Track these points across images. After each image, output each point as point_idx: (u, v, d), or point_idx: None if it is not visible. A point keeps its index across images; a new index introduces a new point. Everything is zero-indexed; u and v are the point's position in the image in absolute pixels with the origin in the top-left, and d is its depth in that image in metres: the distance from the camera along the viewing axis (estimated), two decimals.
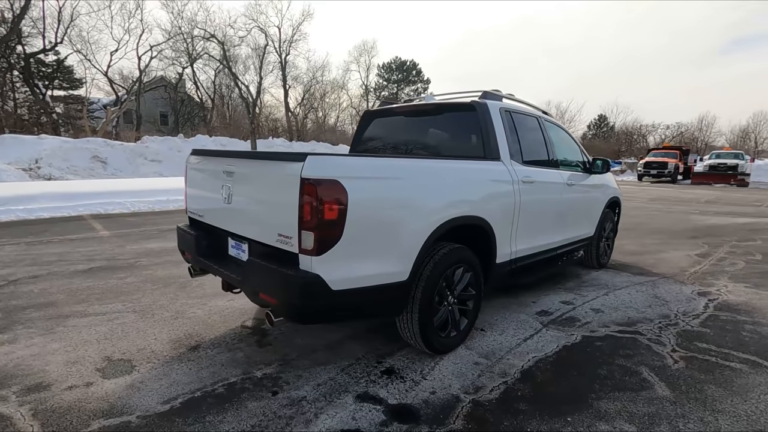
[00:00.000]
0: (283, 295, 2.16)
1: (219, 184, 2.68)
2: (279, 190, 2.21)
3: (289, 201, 2.12)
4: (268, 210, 2.31)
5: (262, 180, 2.35)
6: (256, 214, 2.41)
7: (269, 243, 2.29)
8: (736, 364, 2.79)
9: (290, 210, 2.12)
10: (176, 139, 23.81)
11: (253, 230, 2.46)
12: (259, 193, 2.37)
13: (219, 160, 2.72)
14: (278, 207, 2.22)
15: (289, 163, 2.14)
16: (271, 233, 2.28)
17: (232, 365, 2.63)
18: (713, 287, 4.46)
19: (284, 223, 2.17)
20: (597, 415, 2.21)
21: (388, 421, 2.12)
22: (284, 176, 2.16)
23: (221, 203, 2.68)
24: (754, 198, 15.58)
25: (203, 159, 3.00)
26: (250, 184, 2.45)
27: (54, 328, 3.09)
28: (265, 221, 2.33)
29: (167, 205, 9.18)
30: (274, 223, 2.25)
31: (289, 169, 2.13)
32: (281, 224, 2.20)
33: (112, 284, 4.10)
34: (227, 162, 2.62)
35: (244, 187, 2.49)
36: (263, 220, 2.35)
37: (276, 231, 2.23)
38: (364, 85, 47.09)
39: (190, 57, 31.95)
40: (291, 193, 2.10)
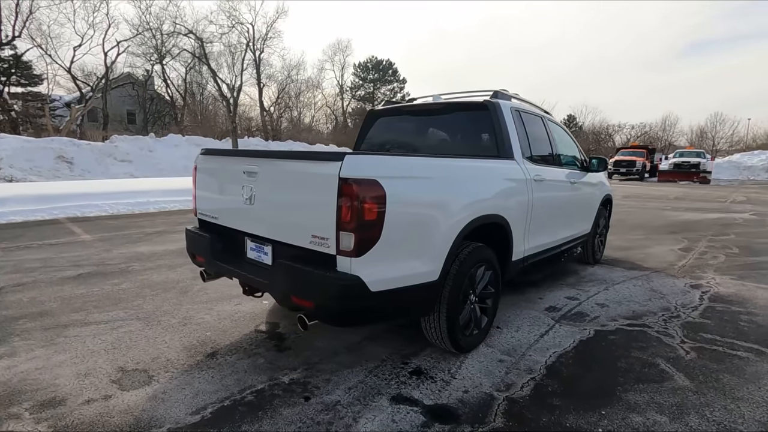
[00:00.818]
0: (320, 298, 2.11)
1: (238, 185, 2.59)
2: (313, 191, 2.16)
3: (325, 201, 2.07)
4: (300, 211, 2.24)
5: (292, 180, 2.28)
6: (285, 216, 2.34)
7: (300, 245, 2.23)
8: (742, 353, 2.93)
9: (326, 211, 2.07)
10: (147, 139, 22.99)
11: (280, 232, 2.39)
12: (289, 193, 2.30)
13: (238, 160, 2.63)
14: (312, 208, 2.17)
15: (325, 162, 2.09)
16: (302, 235, 2.22)
17: (256, 371, 2.55)
18: (703, 280, 4.67)
19: (319, 224, 2.12)
20: (628, 407, 2.26)
21: (428, 422, 2.10)
22: (319, 176, 2.11)
23: (241, 204, 2.59)
24: (717, 194, 16.43)
25: (217, 159, 2.90)
26: (278, 185, 2.37)
27: (54, 339, 2.91)
28: (296, 223, 2.26)
29: (147, 207, 8.83)
30: (307, 224, 2.19)
31: (325, 168, 2.07)
32: (315, 225, 2.14)
33: (108, 291, 3.91)
34: (248, 162, 2.53)
35: (270, 188, 2.41)
36: (293, 222, 2.28)
37: (309, 232, 2.17)
38: (339, 85, 46.89)
39: (160, 53, 30.89)
40: (327, 193, 2.05)
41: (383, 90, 46.84)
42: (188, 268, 4.69)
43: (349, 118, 48.56)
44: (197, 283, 4.18)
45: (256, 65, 32.71)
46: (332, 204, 2.04)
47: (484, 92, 3.74)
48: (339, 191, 2.01)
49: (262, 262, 2.60)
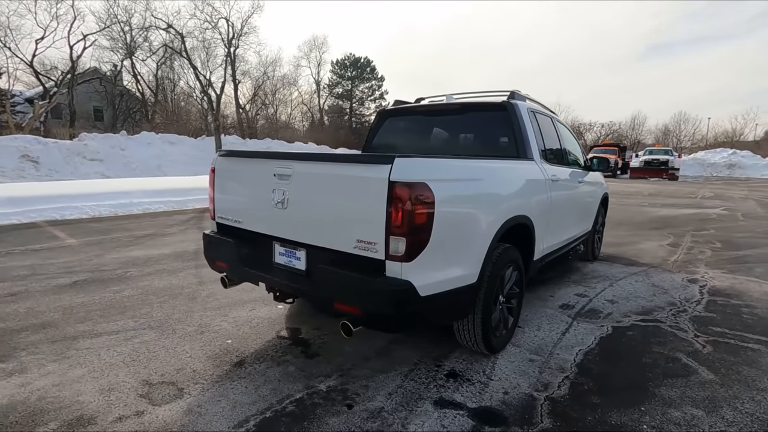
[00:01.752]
0: (369, 304, 2.06)
1: (268, 188, 2.51)
2: (359, 194, 2.11)
3: (373, 205, 2.03)
4: (342, 215, 2.19)
5: (333, 183, 2.22)
6: (324, 220, 2.28)
7: (343, 250, 2.18)
8: (753, 345, 3.06)
9: (374, 215, 2.02)
10: (118, 137, 22.11)
11: (317, 236, 2.32)
12: (330, 197, 2.24)
13: (266, 162, 2.54)
14: (357, 212, 2.12)
15: (372, 165, 2.04)
16: (345, 239, 2.16)
17: (289, 380, 2.48)
18: (697, 274, 4.87)
19: (365, 228, 2.07)
20: (664, 402, 2.32)
21: (478, 426, 2.09)
22: (367, 179, 2.06)
23: (270, 208, 2.51)
24: (687, 191, 17.18)
25: (240, 161, 2.79)
26: (316, 188, 2.30)
27: (65, 352, 2.75)
28: (338, 227, 2.20)
29: (130, 209, 8.47)
30: (351, 229, 2.13)
31: (373, 171, 2.03)
32: (361, 230, 2.09)
33: (110, 299, 3.72)
34: (280, 164, 2.45)
35: (306, 191, 2.34)
36: (334, 226, 2.22)
37: (353, 237, 2.12)
38: (316, 82, 46.35)
39: (129, 48, 29.69)
40: (376, 197, 2.01)
41: (361, 87, 46.62)
42: (190, 272, 4.53)
43: (325, 116, 48.13)
44: (204, 288, 4.04)
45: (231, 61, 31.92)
46: (381, 208, 2.00)
47: (496, 93, 3.76)
48: (389, 195, 1.97)
49: (294, 268, 2.52)
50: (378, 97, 46.61)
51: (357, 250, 2.12)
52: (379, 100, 46.55)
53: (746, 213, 10.39)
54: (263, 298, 3.77)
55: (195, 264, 4.86)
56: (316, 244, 2.33)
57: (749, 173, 27.08)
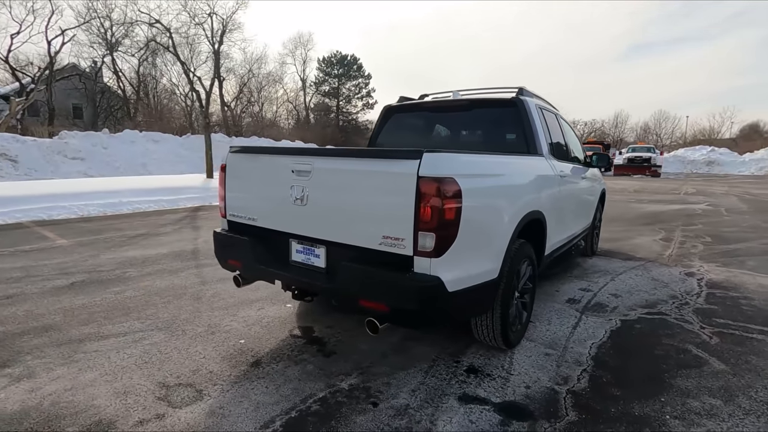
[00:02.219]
0: (398, 301, 2.04)
1: (285, 185, 2.46)
2: (385, 190, 2.08)
3: (400, 201, 2.01)
4: (367, 211, 2.16)
5: (357, 179, 2.19)
6: (347, 217, 2.24)
7: (368, 246, 2.15)
8: (757, 335, 3.14)
9: (402, 210, 2.01)
10: (101, 135, 21.54)
11: (339, 233, 2.29)
12: (353, 193, 2.21)
13: (285, 158, 2.49)
14: (383, 208, 2.09)
15: (400, 161, 2.02)
16: (370, 236, 2.14)
17: (310, 379, 2.45)
18: (693, 268, 4.98)
19: (392, 224, 2.05)
20: (682, 392, 2.37)
21: (506, 421, 2.10)
22: (394, 175, 2.04)
23: (288, 205, 2.47)
24: (670, 187, 17.61)
25: (254, 157, 2.73)
26: (338, 184, 2.27)
27: (73, 356, 2.66)
28: (362, 224, 2.18)
29: (120, 209, 8.26)
30: (376, 225, 2.11)
31: (401, 167, 2.01)
32: (387, 226, 2.07)
33: (112, 300, 3.61)
34: (299, 160, 2.40)
35: (328, 188, 2.31)
36: (358, 223, 2.19)
37: (379, 233, 2.10)
38: (301, 79, 46.00)
39: (109, 44, 28.96)
40: (404, 192, 1.99)
41: (348, 85, 46.43)
42: (191, 272, 4.44)
43: (311, 114, 47.82)
44: (208, 288, 3.96)
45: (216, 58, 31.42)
46: (409, 203, 1.98)
47: (502, 89, 3.78)
48: (417, 190, 1.95)
49: (312, 265, 2.49)
50: (365, 95, 46.54)
51: (383, 246, 2.10)
52: (366, 97, 46.51)
53: (729, 208, 10.69)
54: (270, 297, 3.72)
55: (195, 264, 4.77)
56: (338, 240, 2.30)
57: (727, 170, 27.90)
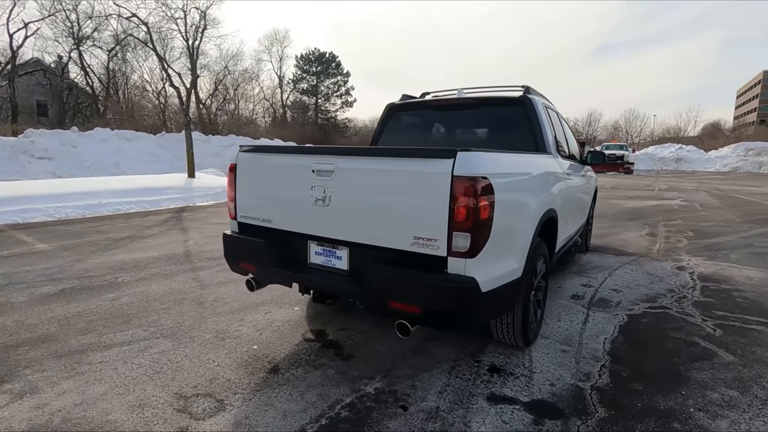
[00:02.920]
0: (432, 303, 2.01)
1: (305, 185, 2.39)
2: (416, 190, 2.04)
3: (433, 201, 1.97)
4: (397, 212, 2.11)
5: (385, 179, 2.13)
6: (374, 217, 2.19)
7: (398, 247, 2.11)
8: (755, 326, 3.26)
9: (435, 211, 1.97)
10: (69, 133, 20.64)
11: (365, 234, 2.23)
12: (381, 193, 2.15)
13: (304, 158, 2.41)
14: (414, 208, 2.05)
15: (433, 160, 1.99)
16: (400, 237, 2.09)
17: (333, 384, 2.39)
18: (683, 262, 5.15)
19: (424, 224, 2.01)
20: (700, 385, 2.43)
21: (538, 420, 2.10)
22: (426, 174, 2.00)
23: (308, 206, 2.39)
24: (644, 183, 18.23)
25: (269, 156, 2.64)
26: (364, 184, 2.21)
27: (76, 368, 2.51)
28: (391, 224, 2.13)
29: (99, 210, 7.91)
30: (407, 225, 2.07)
31: (434, 166, 1.97)
32: (419, 226, 2.03)
33: (108, 307, 3.44)
34: (320, 159, 2.33)
35: (353, 188, 2.24)
36: (387, 224, 2.14)
37: (410, 234, 2.06)
38: (278, 76, 45.33)
39: (76, 38, 27.74)
40: (437, 192, 1.96)
41: (327, 83, 46.06)
42: (188, 276, 4.28)
43: (288, 111, 47.20)
44: (208, 292, 3.83)
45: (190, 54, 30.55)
46: (443, 203, 1.94)
47: (504, 88, 3.80)
48: (452, 190, 1.92)
49: (334, 267, 2.43)
50: (344, 93, 46.25)
51: (414, 247, 2.06)
52: (345, 95, 46.23)
53: (703, 203, 11.13)
54: (276, 300, 3.62)
55: (190, 267, 4.60)
56: (364, 242, 2.24)
57: (694, 166, 29.12)
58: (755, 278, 4.51)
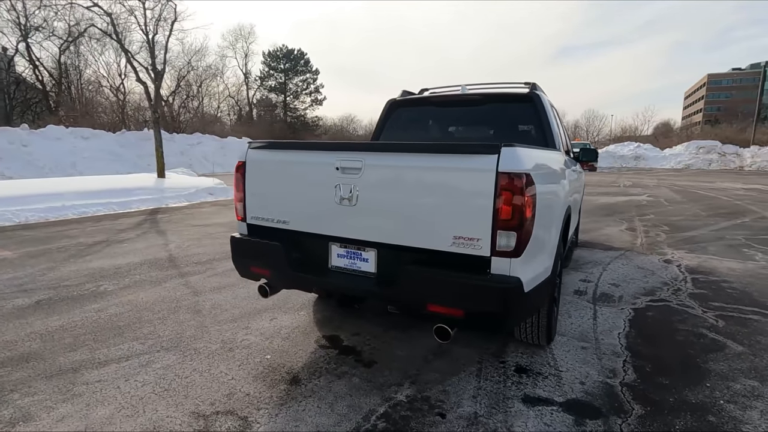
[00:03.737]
0: (476, 305, 1.92)
1: (328, 183, 2.24)
2: (456, 187, 1.94)
3: (476, 198, 1.89)
4: (434, 210, 2.00)
5: (422, 176, 2.02)
6: (408, 217, 2.07)
7: (436, 248, 2.01)
8: (752, 316, 3.39)
9: (478, 209, 1.89)
10: (18, 131, 19.25)
11: (397, 235, 2.11)
12: (416, 191, 2.04)
13: (326, 154, 2.26)
14: (455, 206, 1.95)
15: (475, 155, 1.90)
16: (438, 236, 1.99)
17: (361, 393, 2.26)
18: (667, 255, 5.34)
19: (466, 223, 1.93)
20: (720, 376, 2.47)
21: (578, 420, 2.06)
22: (468, 170, 1.91)
23: (331, 205, 2.25)
24: (609, 180, 18.99)
25: (285, 153, 2.46)
26: (397, 182, 2.09)
27: (72, 389, 2.26)
28: (427, 224, 2.02)
29: (64, 214, 7.34)
30: (446, 224, 1.97)
31: (477, 162, 1.89)
32: (460, 225, 1.94)
33: (95, 319, 3.15)
34: (345, 156, 2.19)
35: (383, 186, 2.12)
36: (423, 223, 2.03)
37: (449, 234, 1.96)
38: (244, 73, 44.14)
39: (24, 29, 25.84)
40: (480, 189, 1.87)
41: (296, 81, 45.22)
42: (177, 282, 4.01)
43: (255, 109, 46.08)
44: (203, 299, 3.59)
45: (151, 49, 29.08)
46: (487, 201, 1.86)
47: (509, 85, 3.78)
48: (496, 187, 1.84)
49: (359, 270, 2.30)
50: (313, 91, 45.56)
51: (454, 247, 1.96)
52: (315, 93, 45.54)
53: (668, 199, 11.69)
54: (279, 305, 3.44)
55: (177, 273, 4.32)
56: (396, 243, 2.13)
57: (651, 164, 30.67)
58: (737, 269, 4.72)
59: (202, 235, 6.16)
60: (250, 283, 3.97)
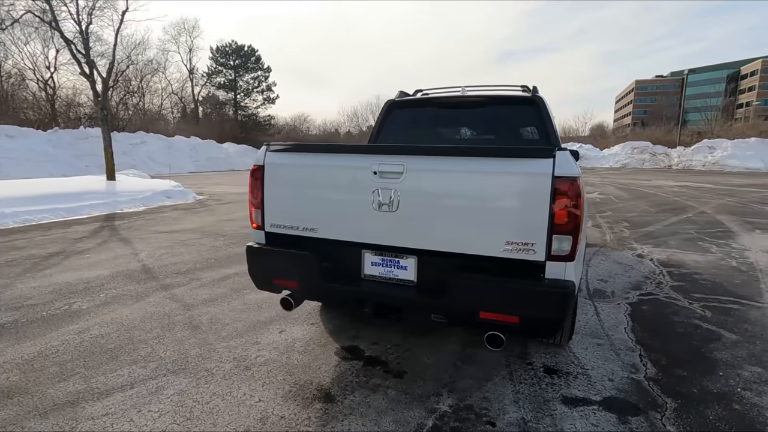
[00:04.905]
0: (533, 311, 1.89)
1: (365, 188, 2.13)
2: (510, 191, 1.91)
3: (531, 203, 1.87)
4: (485, 215, 1.95)
5: (472, 180, 1.96)
6: (455, 222, 2.01)
7: (486, 254, 1.96)
8: (731, 305, 3.67)
9: (533, 213, 1.87)
10: None
11: (441, 241, 2.04)
12: (466, 196, 1.98)
13: (363, 158, 2.14)
14: (507, 211, 1.92)
15: (531, 159, 1.87)
16: (489, 242, 1.95)
17: (403, 406, 2.17)
18: (638, 251, 5.67)
19: (520, 228, 1.90)
20: (728, 365, 2.64)
21: (622, 418, 2.10)
22: (523, 175, 1.88)
23: (368, 211, 2.13)
24: None
25: (311, 157, 2.30)
26: (444, 187, 2.01)
27: (77, 427, 1.98)
28: (478, 229, 1.97)
29: (3, 222, 6.53)
30: (498, 229, 1.93)
31: (533, 166, 1.86)
32: (512, 230, 1.91)
33: (78, 342, 2.81)
34: (385, 159, 2.08)
35: (428, 191, 2.04)
36: (472, 228, 1.98)
37: (502, 239, 1.92)
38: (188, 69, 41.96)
39: None
40: (536, 193, 1.85)
41: (246, 78, 43.53)
42: (162, 296, 3.69)
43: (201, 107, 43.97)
44: (197, 312, 3.32)
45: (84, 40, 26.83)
46: (543, 205, 1.85)
47: (506, 87, 3.84)
48: (553, 191, 1.83)
49: (396, 278, 2.20)
50: (265, 89, 44.09)
51: (506, 253, 1.93)
52: (267, 91, 44.12)
53: (617, 196, 12.51)
54: (281, 316, 3.26)
55: (158, 285, 3.97)
56: (441, 249, 2.06)
57: (593, 163, 32.77)
58: (701, 261, 5.11)
59: (172, 242, 5.73)
60: (245, 294, 3.73)
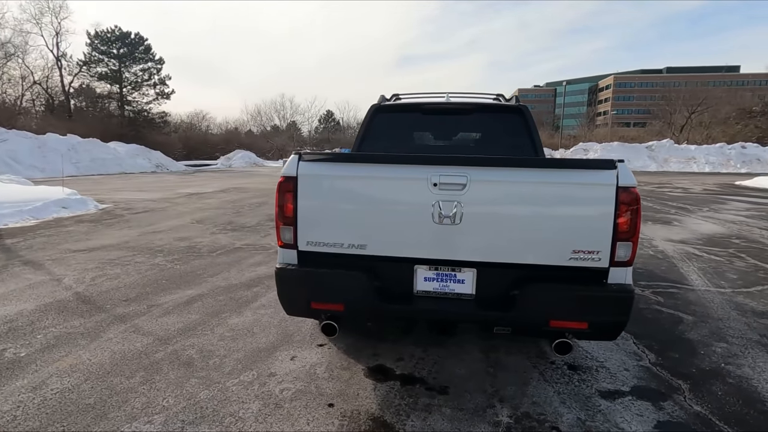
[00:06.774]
0: (601, 316, 1.97)
1: (424, 200, 2.01)
2: (577, 201, 1.96)
3: (597, 212, 1.95)
4: (552, 225, 1.97)
5: (537, 191, 1.96)
6: (521, 233, 2.00)
7: (553, 263, 1.99)
8: (672, 290, 4.26)
9: (598, 222, 1.95)
10: None
11: (504, 253, 2.02)
12: (531, 207, 1.98)
13: (420, 169, 2.01)
14: (573, 220, 1.97)
15: (596, 171, 1.94)
16: (556, 251, 1.99)
17: (465, 424, 2.11)
18: None
19: (585, 237, 1.96)
20: (703, 344, 3.03)
21: (656, 404, 2.29)
22: (590, 185, 1.94)
23: (427, 224, 2.03)
24: None
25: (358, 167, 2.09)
26: (509, 198, 1.99)
27: None
28: (544, 239, 1.99)
29: None
30: (564, 238, 1.97)
31: (598, 177, 1.94)
32: (579, 239, 1.96)
33: (39, 402, 2.21)
34: (445, 171, 1.99)
35: (492, 202, 2.00)
36: (538, 238, 1.99)
37: (568, 248, 1.97)
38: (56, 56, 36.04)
39: None
40: (601, 203, 1.94)
41: (134, 69, 38.59)
42: (121, 329, 3.10)
43: (74, 99, 38.13)
44: (179, 347, 2.87)
45: None
46: (608, 214, 1.94)
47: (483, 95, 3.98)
48: (617, 200, 1.93)
49: (452, 292, 2.13)
50: (158, 83, 39.55)
51: (573, 261, 1.98)
52: (160, 85, 39.63)
53: None
54: (282, 339, 2.98)
55: (110, 317, 3.33)
56: (504, 261, 2.04)
57: None
58: None
59: (99, 262, 4.84)
60: (226, 319, 3.33)
